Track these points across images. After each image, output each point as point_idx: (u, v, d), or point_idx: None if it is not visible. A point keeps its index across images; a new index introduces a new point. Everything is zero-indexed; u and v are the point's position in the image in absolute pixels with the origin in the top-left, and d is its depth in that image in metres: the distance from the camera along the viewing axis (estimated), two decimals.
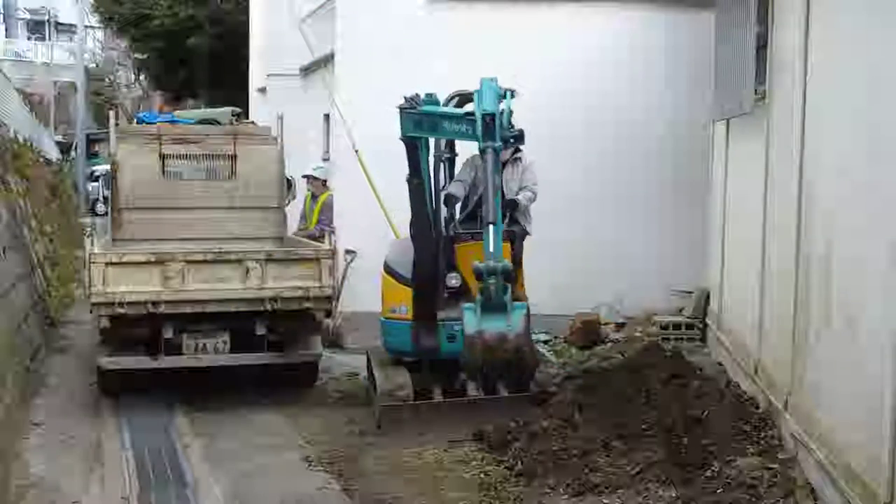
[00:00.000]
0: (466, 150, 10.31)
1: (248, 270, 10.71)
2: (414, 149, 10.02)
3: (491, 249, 8.42)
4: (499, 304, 8.27)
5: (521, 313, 8.34)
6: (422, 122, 9.84)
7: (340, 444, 9.57)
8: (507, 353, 8.15)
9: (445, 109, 9.83)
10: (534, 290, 10.53)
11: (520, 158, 10.65)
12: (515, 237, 10.26)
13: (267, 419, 10.56)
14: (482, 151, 8.94)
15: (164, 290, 10.51)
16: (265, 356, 11.10)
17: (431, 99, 9.94)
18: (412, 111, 9.87)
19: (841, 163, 7.08)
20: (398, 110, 9.98)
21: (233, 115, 13.36)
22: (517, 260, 10.06)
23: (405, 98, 9.93)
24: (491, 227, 8.52)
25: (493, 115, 8.86)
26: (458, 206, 10.46)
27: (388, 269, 10.44)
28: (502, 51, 15.16)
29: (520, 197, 10.41)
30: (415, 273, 10.17)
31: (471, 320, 8.30)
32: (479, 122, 8.89)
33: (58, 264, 18.62)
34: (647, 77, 15.61)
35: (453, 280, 10.16)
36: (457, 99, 10.15)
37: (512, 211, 10.39)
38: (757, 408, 8.79)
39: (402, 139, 10.02)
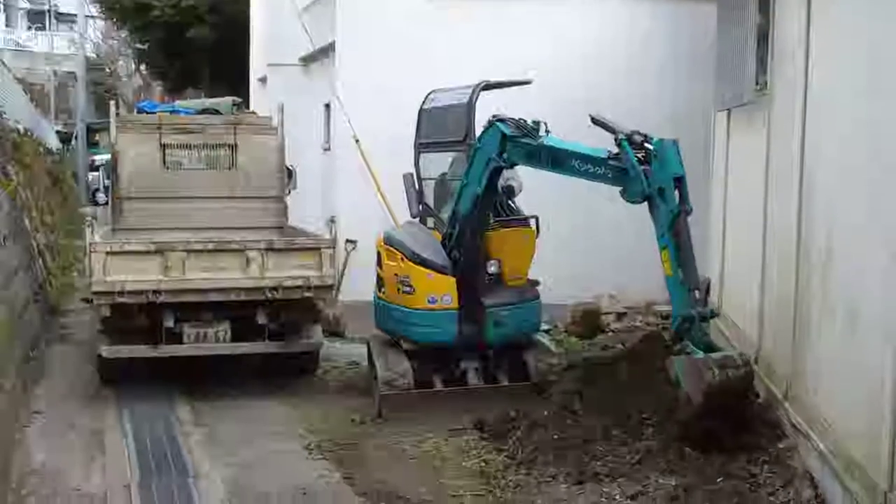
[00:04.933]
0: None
1: (248, 260, 10.71)
2: (499, 170, 9.58)
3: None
4: (711, 345, 8.03)
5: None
6: (538, 155, 9.14)
7: (341, 433, 9.60)
8: (739, 371, 7.72)
9: (581, 149, 8.86)
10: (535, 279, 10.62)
11: None
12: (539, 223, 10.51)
13: (267, 408, 10.58)
14: (673, 220, 8.05)
15: (165, 280, 10.52)
16: (266, 345, 11.11)
17: (539, 127, 9.15)
18: (527, 143, 9.17)
19: (842, 154, 7.07)
20: (504, 136, 9.23)
21: (233, 105, 13.36)
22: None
23: (514, 123, 9.23)
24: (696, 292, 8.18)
25: (682, 178, 8.13)
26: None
27: (421, 260, 10.14)
28: (502, 42, 15.19)
29: (512, 183, 10.41)
30: (462, 263, 10.11)
31: (694, 355, 7.79)
32: (669, 189, 8.07)
33: (58, 254, 18.62)
34: (647, 68, 15.62)
35: (492, 267, 10.29)
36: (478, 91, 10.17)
37: (509, 197, 10.45)
38: (757, 397, 8.79)
39: (494, 160, 9.41)
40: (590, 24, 15.70)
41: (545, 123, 9.14)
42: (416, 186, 10.91)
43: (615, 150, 8.55)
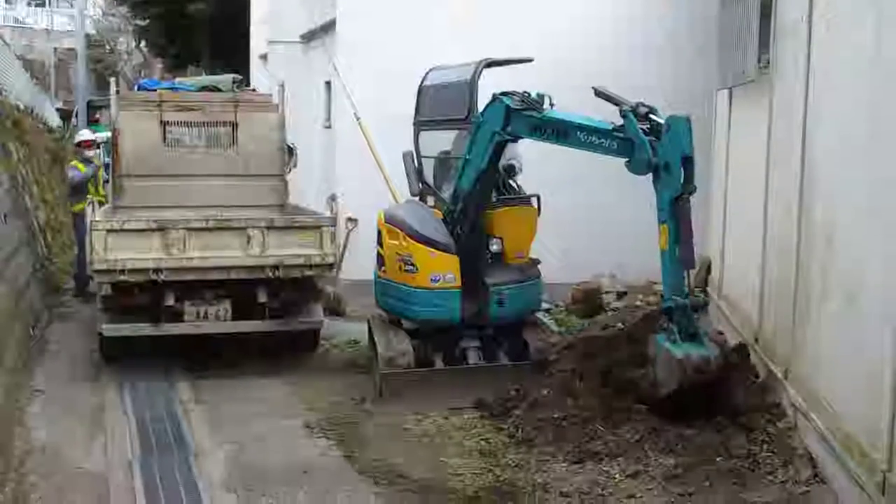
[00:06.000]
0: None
1: (249, 238, 10.71)
2: (502, 145, 9.55)
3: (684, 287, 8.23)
4: (695, 335, 8.12)
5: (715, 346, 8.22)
6: (543, 129, 9.04)
7: (341, 411, 9.62)
8: (712, 375, 7.94)
9: (586, 121, 8.85)
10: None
11: None
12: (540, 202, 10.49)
13: (268, 386, 10.60)
14: (676, 199, 8.05)
15: (166, 258, 10.51)
16: (266, 324, 11.12)
17: (544, 100, 9.10)
18: (532, 116, 9.12)
19: (843, 132, 7.05)
20: (508, 109, 9.17)
21: (234, 83, 13.31)
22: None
23: (517, 97, 9.19)
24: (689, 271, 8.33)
25: (690, 157, 8.04)
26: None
27: (424, 239, 10.09)
28: (502, 19, 15.12)
29: (513, 162, 10.39)
30: (465, 241, 10.09)
31: (674, 348, 7.96)
32: (675, 168, 8.00)
33: (59, 231, 18.61)
34: (648, 45, 15.55)
35: (495, 246, 10.29)
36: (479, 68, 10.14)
37: (511, 176, 10.43)
38: (757, 377, 8.80)
39: (498, 134, 9.34)
40: (591, 2, 15.62)
41: (549, 96, 9.12)
42: (416, 165, 10.89)
43: (619, 122, 8.55)
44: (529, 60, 10.72)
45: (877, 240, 6.12)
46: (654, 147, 8.15)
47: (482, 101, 10.04)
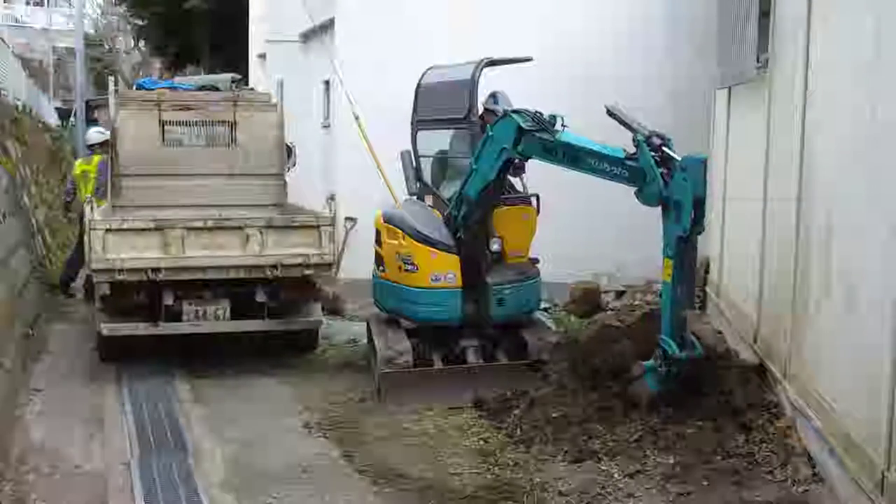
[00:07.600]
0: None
1: (247, 237, 10.70)
2: (511, 160, 9.48)
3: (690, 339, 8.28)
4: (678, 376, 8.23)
5: None
6: (555, 151, 8.86)
7: (340, 411, 9.61)
8: None
9: (598, 147, 8.64)
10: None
11: None
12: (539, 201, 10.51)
13: (266, 386, 10.60)
14: (683, 239, 7.93)
15: (164, 257, 10.51)
16: (265, 323, 11.11)
17: (556, 121, 8.87)
18: (544, 138, 8.95)
19: (842, 131, 7.05)
20: (520, 129, 9.00)
21: (232, 82, 13.29)
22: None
23: (530, 116, 9.01)
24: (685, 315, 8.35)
25: (702, 201, 7.86)
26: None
27: (425, 239, 10.07)
28: (501, 19, 15.13)
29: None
30: (466, 242, 10.09)
31: (654, 386, 8.23)
32: (686, 208, 7.81)
33: (58, 231, 18.61)
34: (647, 46, 15.56)
35: (495, 245, 10.30)
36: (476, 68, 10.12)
37: (517, 175, 10.43)
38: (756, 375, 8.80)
39: (507, 151, 9.23)
40: (591, 2, 15.63)
41: (562, 118, 8.95)
42: (414, 164, 10.88)
43: (612, 125, 8.50)
44: (529, 60, 10.72)
45: (875, 238, 6.12)
46: (666, 180, 8.03)
47: (481, 101, 10.05)
